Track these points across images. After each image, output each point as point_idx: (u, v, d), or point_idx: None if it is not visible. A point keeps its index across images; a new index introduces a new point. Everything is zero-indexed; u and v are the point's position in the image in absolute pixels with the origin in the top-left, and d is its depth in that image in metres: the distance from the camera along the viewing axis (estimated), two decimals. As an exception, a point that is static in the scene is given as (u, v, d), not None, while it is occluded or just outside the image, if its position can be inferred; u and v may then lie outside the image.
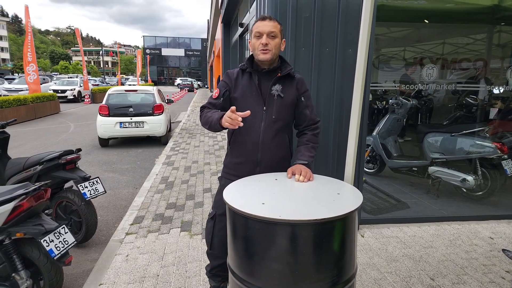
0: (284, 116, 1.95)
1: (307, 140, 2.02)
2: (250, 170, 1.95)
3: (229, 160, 2.06)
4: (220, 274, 2.18)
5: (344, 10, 3.04)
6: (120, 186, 5.41)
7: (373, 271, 2.73)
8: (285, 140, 1.99)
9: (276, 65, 1.94)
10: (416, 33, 5.28)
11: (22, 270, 2.32)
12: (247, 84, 1.94)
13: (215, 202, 2.12)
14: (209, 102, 2.01)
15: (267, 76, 1.94)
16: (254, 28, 1.89)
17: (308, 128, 2.06)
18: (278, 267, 1.39)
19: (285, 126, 1.97)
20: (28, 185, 2.42)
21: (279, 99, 1.91)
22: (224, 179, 2.07)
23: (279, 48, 1.92)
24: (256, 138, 1.91)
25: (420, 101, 5.01)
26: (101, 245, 3.48)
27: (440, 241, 3.26)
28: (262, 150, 1.92)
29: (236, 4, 8.15)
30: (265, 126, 1.91)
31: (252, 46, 1.91)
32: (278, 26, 1.89)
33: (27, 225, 2.32)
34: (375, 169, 4.99)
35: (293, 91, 1.96)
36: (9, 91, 20.22)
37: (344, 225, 1.43)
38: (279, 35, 1.89)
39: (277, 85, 1.92)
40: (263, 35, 1.85)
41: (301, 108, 2.01)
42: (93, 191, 3.34)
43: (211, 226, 2.10)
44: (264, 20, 1.87)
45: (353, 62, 3.07)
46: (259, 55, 1.87)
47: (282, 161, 1.99)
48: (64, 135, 9.91)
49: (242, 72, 1.98)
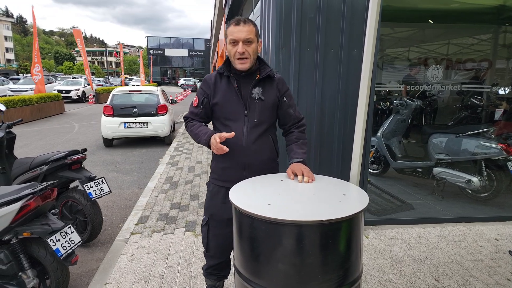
0: (267, 119, 1.92)
1: (296, 138, 2.00)
2: (237, 174, 1.92)
3: (215, 165, 2.03)
4: (215, 273, 2.20)
5: (349, 11, 3.05)
6: (124, 186, 5.44)
7: (378, 272, 2.73)
8: (270, 141, 1.97)
9: (254, 67, 1.89)
10: (421, 33, 5.26)
11: (29, 269, 2.34)
12: (226, 88, 1.89)
13: (206, 208, 2.10)
14: (191, 112, 1.99)
15: (246, 79, 1.89)
16: (229, 33, 1.81)
17: (294, 126, 2.04)
18: (284, 267, 1.39)
19: (268, 128, 1.95)
20: (35, 185, 2.44)
21: (260, 102, 1.88)
22: (212, 184, 2.05)
23: (256, 52, 1.86)
24: (240, 142, 1.88)
25: (424, 102, 4.99)
26: (106, 244, 3.50)
27: (445, 242, 3.24)
28: (247, 153, 1.90)
29: (240, 4, 8.16)
30: (248, 130, 1.88)
31: (228, 52, 1.85)
32: (254, 30, 1.82)
33: (34, 225, 2.34)
34: (379, 170, 4.98)
35: (273, 92, 1.92)
36: (14, 91, 20.37)
37: (350, 226, 1.43)
38: (255, 40, 1.83)
39: (257, 87, 1.88)
40: (239, 42, 1.78)
41: (285, 108, 1.98)
42: (98, 191, 3.36)
43: (206, 231, 2.11)
44: (238, 25, 1.78)
45: (358, 63, 3.09)
46: (236, 65, 1.82)
47: (269, 162, 1.98)
48: (68, 135, 9.96)
49: (220, 76, 1.93)
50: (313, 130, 3.21)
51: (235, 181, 1.90)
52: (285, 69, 3.11)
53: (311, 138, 3.22)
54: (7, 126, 3.51)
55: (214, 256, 2.15)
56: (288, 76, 3.12)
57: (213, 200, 2.03)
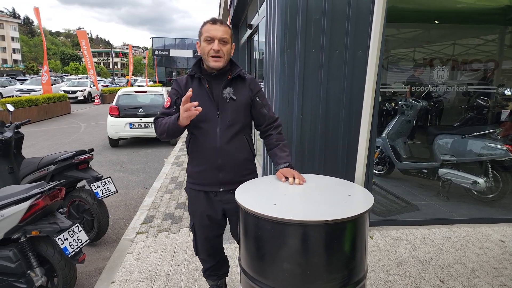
0: (240, 119, 1.91)
1: (276, 141, 1.99)
2: (213, 177, 1.91)
3: (191, 169, 2.00)
4: (214, 274, 2.22)
5: (354, 12, 3.05)
6: (130, 186, 5.48)
7: (382, 273, 2.73)
8: (244, 142, 1.95)
9: (226, 68, 1.90)
10: (426, 34, 5.25)
11: (37, 268, 2.38)
12: (197, 89, 1.87)
13: (190, 213, 2.10)
14: (162, 113, 1.94)
15: (217, 80, 1.89)
16: (204, 31, 1.81)
17: (270, 127, 2.02)
18: (289, 267, 1.41)
19: (242, 129, 1.93)
20: (43, 184, 2.48)
21: (232, 102, 1.87)
22: (190, 189, 2.03)
23: (230, 54, 1.87)
24: (213, 143, 1.86)
25: (430, 103, 4.98)
26: (113, 243, 3.53)
27: (451, 243, 3.24)
28: (222, 155, 1.87)
29: (244, 5, 8.18)
30: (221, 131, 1.86)
31: (202, 50, 1.84)
32: (229, 31, 1.84)
33: (42, 224, 2.38)
34: (384, 170, 4.97)
35: (245, 92, 1.92)
36: (21, 92, 20.57)
37: (355, 226, 1.44)
38: (230, 41, 1.84)
39: (228, 88, 1.88)
40: (215, 40, 1.78)
41: (258, 108, 1.97)
42: (105, 190, 3.40)
43: (194, 236, 2.12)
44: (215, 24, 1.80)
45: (363, 64, 3.10)
46: (210, 62, 1.81)
47: (244, 163, 1.96)
48: (75, 135, 10.05)
49: (191, 78, 1.92)
50: (317, 131, 3.22)
51: (211, 184, 1.93)
52: (290, 70, 3.13)
53: (316, 139, 3.23)
54: (16, 126, 3.55)
55: (205, 259, 2.16)
56: (293, 77, 3.13)
57: (194, 205, 2.02)
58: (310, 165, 3.25)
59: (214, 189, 1.94)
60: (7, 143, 3.37)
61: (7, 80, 23.82)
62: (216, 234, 2.08)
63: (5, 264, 2.29)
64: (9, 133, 3.40)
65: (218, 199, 1.95)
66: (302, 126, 3.20)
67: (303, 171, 1.86)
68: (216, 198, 1.95)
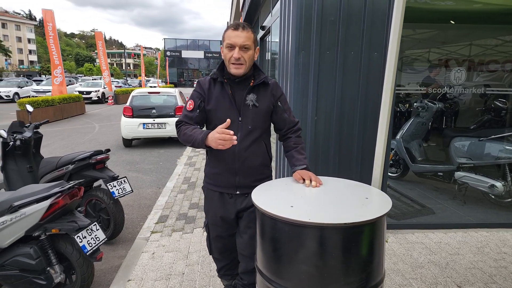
0: (260, 125, 1.90)
1: (294, 144, 1.99)
2: (229, 180, 1.92)
3: (208, 170, 2.01)
4: (228, 273, 2.22)
5: (370, 13, 3.04)
6: (144, 186, 5.55)
7: (398, 277, 2.71)
8: (262, 147, 1.95)
9: (249, 73, 1.87)
10: (442, 34, 5.17)
11: (56, 265, 2.43)
12: (219, 94, 1.86)
13: (205, 212, 2.10)
14: (185, 115, 1.91)
15: (240, 85, 1.87)
16: (226, 37, 1.79)
17: (290, 131, 2.02)
18: (306, 269, 1.41)
19: (261, 134, 1.92)
20: (63, 183, 2.54)
21: (254, 109, 1.86)
22: (206, 189, 2.04)
23: (253, 59, 1.84)
24: (232, 148, 1.79)
25: (446, 104, 4.91)
26: (128, 242, 3.58)
27: (467, 248, 3.19)
28: (239, 159, 1.87)
29: (257, 6, 8.19)
30: (241, 137, 1.85)
31: (224, 56, 1.83)
32: (252, 37, 1.79)
33: (62, 222, 2.44)
34: (398, 173, 4.92)
35: (268, 98, 1.90)
36: (37, 92, 21.01)
37: (373, 229, 1.44)
38: (252, 47, 1.80)
39: (251, 94, 1.86)
40: (236, 47, 1.76)
41: (280, 113, 1.96)
42: (121, 190, 3.46)
43: (207, 234, 2.13)
44: (237, 30, 1.77)
45: (379, 65, 3.08)
46: (231, 69, 1.80)
47: (260, 168, 1.96)
48: (89, 135, 10.22)
49: (213, 82, 1.90)
50: (332, 133, 3.21)
51: (227, 186, 1.93)
52: (304, 72, 3.13)
53: (330, 141, 3.22)
54: (35, 126, 3.64)
55: (218, 258, 2.17)
56: (307, 79, 3.13)
57: (210, 204, 2.03)
58: (324, 167, 3.24)
59: (229, 191, 1.94)
60: (27, 143, 3.46)
61: (24, 80, 24.37)
62: (229, 234, 2.08)
63: (26, 261, 2.34)
64: (28, 133, 3.48)
65: (233, 201, 1.96)
66: (316, 127, 3.20)
67: (317, 173, 1.86)
68: (231, 200, 1.96)
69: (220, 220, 2.00)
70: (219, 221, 2.01)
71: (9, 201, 2.33)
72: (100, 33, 21.93)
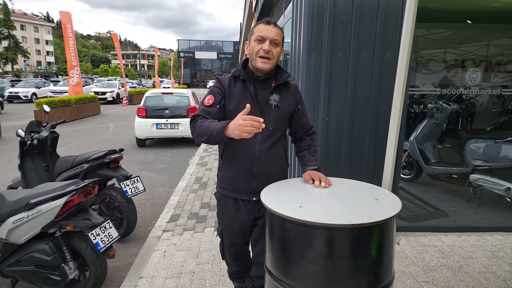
0: (281, 127, 1.86)
1: (308, 145, 1.97)
2: (246, 185, 1.84)
3: (223, 175, 1.91)
4: (240, 277, 2.18)
5: (383, 13, 3.01)
6: (156, 185, 5.62)
7: (409, 280, 2.67)
8: (281, 150, 1.90)
9: (272, 72, 1.83)
10: (458, 34, 5.09)
11: (71, 261, 2.49)
12: (241, 92, 1.79)
13: (218, 219, 2.03)
14: (203, 110, 1.77)
15: (262, 84, 1.81)
16: (256, 30, 1.74)
17: (305, 134, 2.01)
18: (315, 269, 1.41)
19: (281, 137, 1.88)
20: (78, 182, 2.60)
21: (277, 110, 1.81)
22: (220, 194, 1.96)
23: (279, 57, 1.79)
24: (251, 151, 1.78)
25: (461, 106, 4.82)
26: (140, 240, 3.64)
27: (481, 252, 3.12)
28: (259, 163, 1.80)
29: (270, 7, 8.21)
30: (262, 138, 1.78)
31: (251, 49, 1.76)
32: (282, 34, 1.77)
33: (76, 219, 2.49)
34: (411, 175, 4.86)
35: (290, 100, 1.86)
36: (54, 93, 21.50)
37: (382, 231, 1.43)
38: (280, 44, 1.77)
39: (275, 94, 1.81)
40: (266, 40, 1.71)
41: (299, 116, 1.94)
42: (134, 189, 3.52)
43: (221, 240, 2.07)
44: (269, 25, 1.74)
45: (392, 66, 3.05)
46: (258, 63, 1.73)
47: (279, 173, 1.90)
48: (104, 135, 10.40)
49: (234, 79, 1.83)
50: (343, 134, 3.19)
51: (244, 192, 1.85)
52: (316, 73, 3.12)
53: (342, 142, 3.21)
54: (51, 126, 3.73)
55: (231, 263, 2.13)
56: (319, 80, 3.12)
57: (224, 211, 1.96)
58: (335, 168, 3.23)
59: (246, 197, 1.87)
60: (44, 142, 3.54)
61: (41, 81, 24.95)
62: (243, 242, 2.02)
63: (41, 257, 2.41)
64: (45, 133, 3.57)
65: (249, 208, 1.89)
66: (328, 129, 3.19)
67: (328, 174, 1.85)
68: (247, 207, 1.89)
69: (235, 226, 1.94)
70: (234, 228, 1.95)
71: (26, 199, 2.40)
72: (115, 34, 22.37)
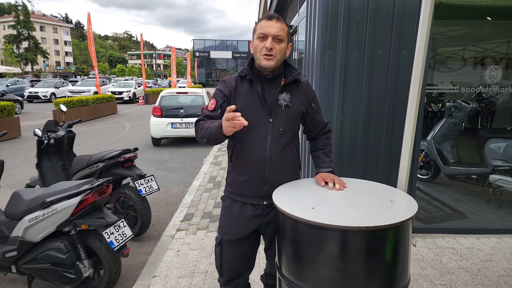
0: (292, 127, 1.76)
1: (323, 145, 1.89)
2: (256, 189, 1.75)
3: (232, 178, 1.82)
4: None
5: (399, 10, 2.94)
6: (171, 184, 5.66)
7: (426, 283, 2.61)
8: (293, 153, 1.80)
9: (280, 71, 1.73)
10: (478, 31, 4.94)
11: (85, 259, 2.53)
12: (248, 93, 1.71)
13: (221, 226, 1.87)
14: (206, 115, 1.76)
15: (271, 83, 1.72)
16: (258, 28, 1.66)
17: (320, 132, 1.92)
18: (327, 272, 1.38)
19: (292, 138, 1.78)
20: (93, 181, 2.64)
21: (287, 110, 1.71)
22: (228, 199, 1.84)
23: (285, 53, 1.70)
24: (262, 153, 1.70)
25: (480, 104, 4.68)
26: (154, 239, 3.67)
27: (501, 254, 3.02)
28: (270, 166, 1.72)
29: (285, 6, 8.16)
30: (272, 140, 1.70)
31: (254, 48, 1.69)
32: (286, 29, 1.67)
33: (91, 218, 2.53)
34: (429, 175, 4.75)
35: (301, 99, 1.77)
36: (72, 93, 21.99)
37: (397, 234, 1.39)
38: (286, 39, 1.67)
39: (284, 93, 1.71)
40: (268, 37, 1.63)
41: (313, 115, 1.84)
42: (148, 188, 3.55)
43: (219, 252, 1.87)
44: (271, 20, 1.65)
45: (408, 64, 2.98)
46: (261, 61, 1.65)
47: (291, 176, 1.81)
48: (121, 134, 10.56)
49: (241, 79, 1.75)
50: (358, 134, 3.14)
51: (254, 196, 1.77)
52: (330, 71, 3.08)
53: (356, 142, 3.16)
54: (68, 125, 3.80)
55: (228, 280, 1.88)
56: (333, 78, 3.08)
57: (228, 216, 1.83)
58: (350, 168, 3.18)
59: (256, 202, 1.78)
60: (60, 141, 3.61)
61: (60, 81, 25.54)
62: (244, 251, 1.85)
63: (57, 255, 2.45)
64: (62, 132, 3.64)
65: (257, 213, 1.79)
66: (342, 128, 3.14)
67: (342, 175, 1.81)
68: (255, 212, 1.78)
69: (239, 233, 1.81)
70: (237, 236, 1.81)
71: (41, 197, 2.45)
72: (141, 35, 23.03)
